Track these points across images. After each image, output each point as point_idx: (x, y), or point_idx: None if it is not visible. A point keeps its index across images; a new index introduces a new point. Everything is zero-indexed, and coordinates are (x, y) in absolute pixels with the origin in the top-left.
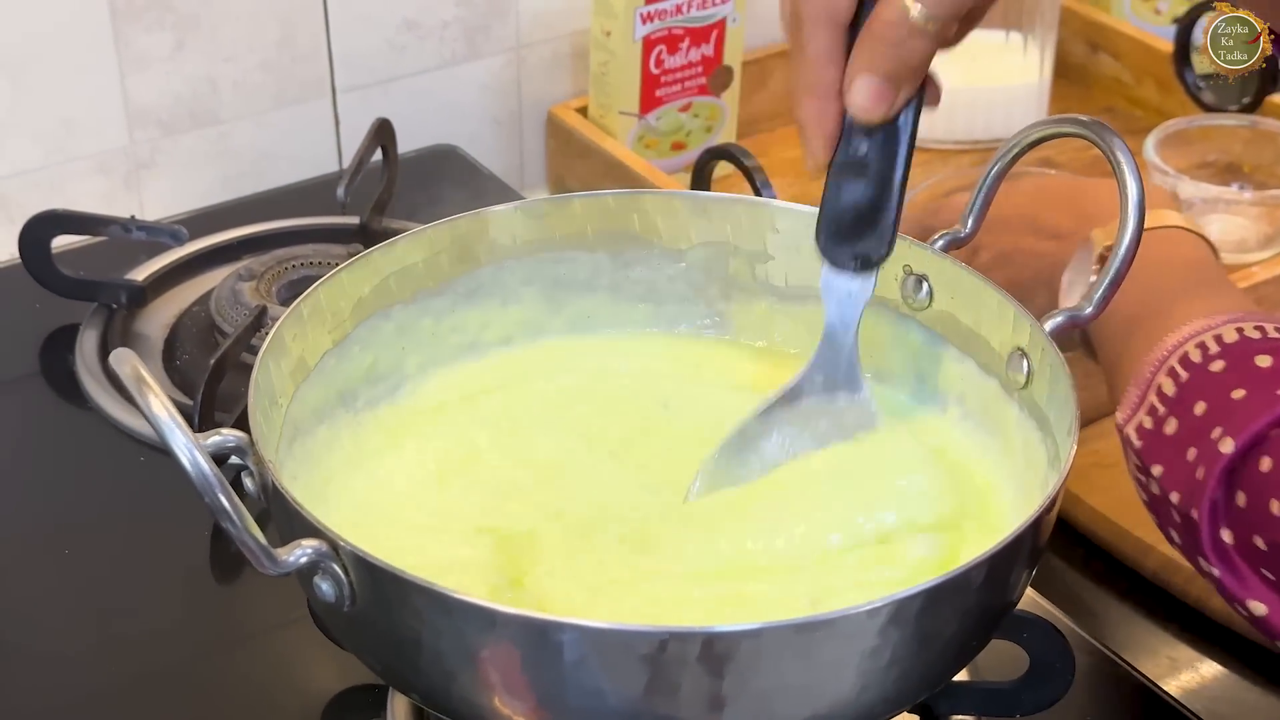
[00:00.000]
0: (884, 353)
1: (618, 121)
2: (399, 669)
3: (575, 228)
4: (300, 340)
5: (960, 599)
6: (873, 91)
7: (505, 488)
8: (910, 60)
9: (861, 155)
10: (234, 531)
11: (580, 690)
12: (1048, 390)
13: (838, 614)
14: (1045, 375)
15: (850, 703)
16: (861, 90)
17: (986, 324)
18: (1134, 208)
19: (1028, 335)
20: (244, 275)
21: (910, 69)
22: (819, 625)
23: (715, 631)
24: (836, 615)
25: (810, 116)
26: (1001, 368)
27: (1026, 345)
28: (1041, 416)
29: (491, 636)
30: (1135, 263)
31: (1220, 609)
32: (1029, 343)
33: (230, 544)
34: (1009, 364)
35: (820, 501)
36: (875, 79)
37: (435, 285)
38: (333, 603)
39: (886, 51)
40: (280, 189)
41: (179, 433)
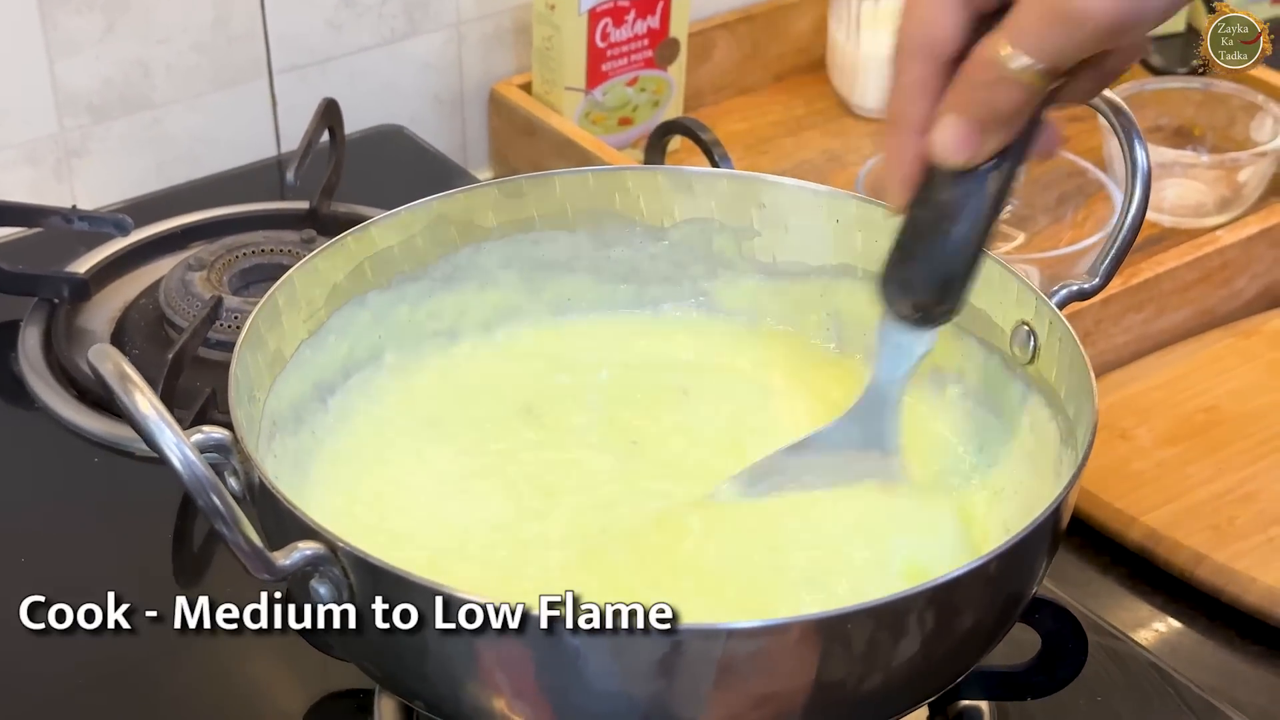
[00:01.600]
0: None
1: (563, 98)
2: (402, 676)
3: (555, 207)
4: (276, 331)
5: (985, 587)
6: (955, 134)
7: (503, 486)
8: (1002, 108)
9: (942, 201)
10: (228, 535)
11: (598, 694)
12: (1057, 365)
13: (865, 605)
14: (1054, 350)
15: (876, 696)
16: (945, 131)
17: (987, 298)
18: (1141, 177)
19: (1033, 309)
20: (193, 265)
21: (1002, 117)
22: (848, 618)
23: (737, 628)
24: (864, 607)
25: (892, 150)
26: (1005, 343)
27: (1032, 319)
28: (1051, 392)
29: (504, 640)
30: None
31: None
32: (1035, 316)
33: (192, 545)
34: (1014, 339)
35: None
36: (960, 121)
37: (411, 270)
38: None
39: (976, 95)
40: (218, 175)
41: (169, 432)
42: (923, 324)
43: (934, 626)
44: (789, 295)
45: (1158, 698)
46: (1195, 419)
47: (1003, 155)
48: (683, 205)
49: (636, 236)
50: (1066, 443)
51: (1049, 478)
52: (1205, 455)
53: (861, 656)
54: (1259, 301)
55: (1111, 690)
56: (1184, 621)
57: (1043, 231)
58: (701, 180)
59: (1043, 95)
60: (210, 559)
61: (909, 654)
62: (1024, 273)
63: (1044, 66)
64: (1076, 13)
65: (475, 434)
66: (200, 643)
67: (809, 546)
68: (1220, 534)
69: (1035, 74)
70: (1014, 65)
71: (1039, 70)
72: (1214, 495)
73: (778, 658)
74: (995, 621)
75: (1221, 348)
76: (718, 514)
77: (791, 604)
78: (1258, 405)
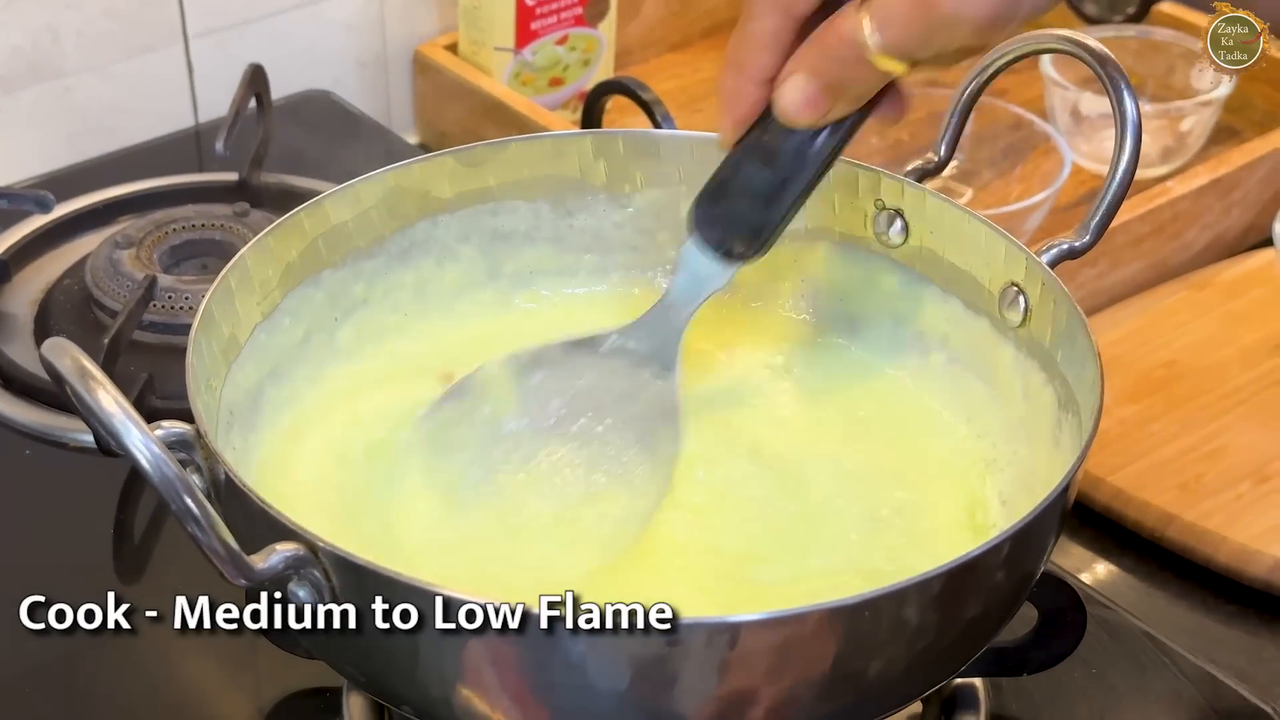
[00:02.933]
0: (855, 295)
1: (492, 58)
2: (389, 681)
3: (513, 174)
4: (229, 314)
5: (996, 568)
6: (804, 96)
7: (473, 478)
8: (853, 84)
9: (771, 148)
10: (202, 538)
11: (597, 693)
12: (1051, 327)
13: (878, 592)
14: (1047, 311)
15: (883, 686)
16: (792, 90)
17: (973, 259)
18: (1131, 129)
19: (1023, 269)
20: (121, 242)
21: (852, 93)
22: (863, 606)
23: (743, 621)
24: (879, 594)
25: (729, 92)
26: (993, 306)
27: (1022, 280)
28: (1046, 356)
29: (502, 641)
30: None
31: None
32: (1025, 277)
33: (133, 539)
34: (1002, 301)
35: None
36: (811, 84)
37: (366, 245)
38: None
39: (829, 65)
40: (134, 147)
41: (135, 430)
42: (724, 259)
43: (945, 612)
44: (759, 262)
45: (1152, 668)
46: (1155, 375)
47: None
48: (647, 170)
49: (600, 204)
50: (1065, 408)
51: (1046, 445)
52: (1167, 412)
53: (871, 646)
54: (1209, 253)
55: (1106, 662)
56: (1155, 584)
57: (989, 186)
58: (668, 143)
59: (889, 80)
60: (151, 552)
61: (920, 642)
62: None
63: (901, 55)
64: (948, 13)
65: (439, 420)
66: (149, 642)
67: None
68: (1188, 492)
69: (894, 63)
70: (873, 49)
71: (898, 59)
72: (1179, 452)
73: (787, 650)
74: (1007, 602)
75: (1176, 301)
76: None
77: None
78: (1216, 359)
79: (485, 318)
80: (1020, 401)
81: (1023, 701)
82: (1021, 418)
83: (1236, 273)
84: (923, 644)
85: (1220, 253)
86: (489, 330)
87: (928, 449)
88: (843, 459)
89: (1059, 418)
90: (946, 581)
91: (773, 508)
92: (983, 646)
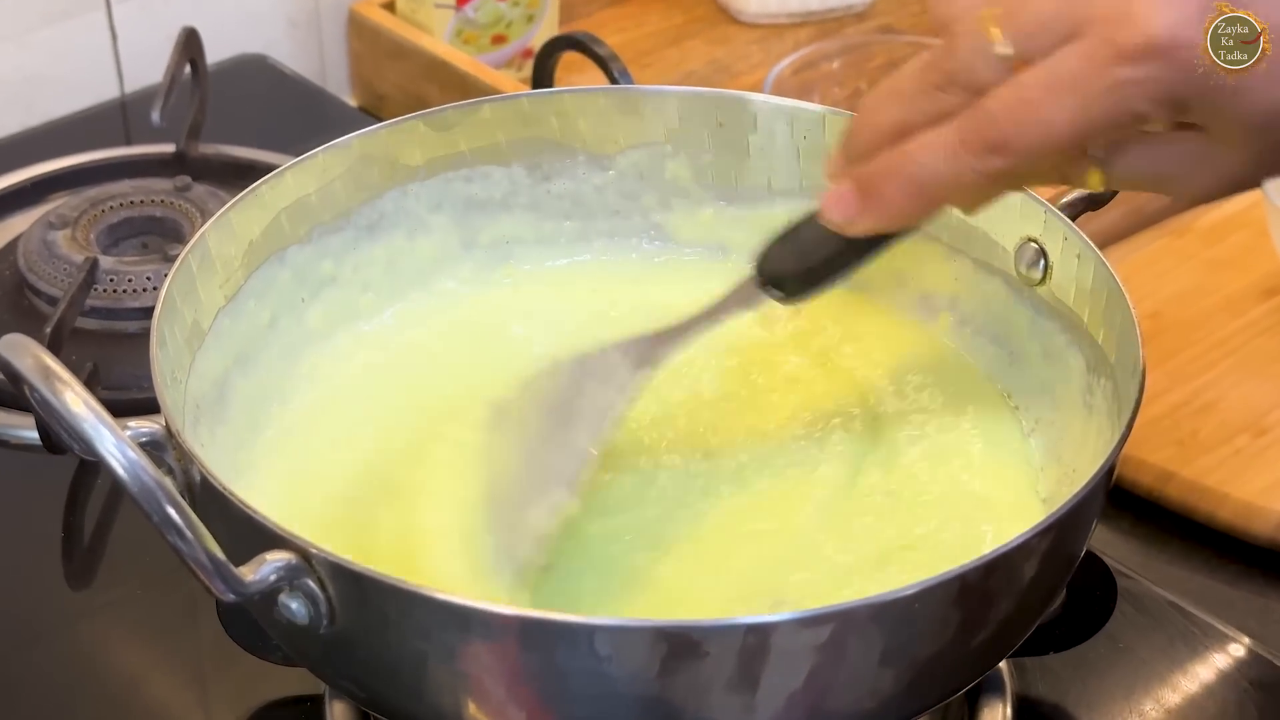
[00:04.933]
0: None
1: (432, 15)
2: (392, 697)
3: (486, 138)
4: (191, 299)
5: (1042, 552)
6: (846, 202)
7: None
8: (897, 202)
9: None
10: (186, 551)
11: (633, 702)
12: (1075, 285)
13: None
14: (1070, 268)
15: (927, 679)
16: (836, 194)
17: (985, 213)
18: None
19: (1041, 222)
20: (54, 223)
21: (894, 212)
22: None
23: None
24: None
25: (853, 127)
26: (1008, 263)
27: (1040, 235)
28: (1069, 316)
29: (525, 652)
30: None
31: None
32: (1044, 232)
33: (83, 541)
34: (1019, 258)
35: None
36: (853, 192)
37: (332, 219)
38: (305, 625)
39: (878, 177)
40: (57, 120)
41: (109, 435)
42: (766, 288)
43: (982, 604)
44: (753, 224)
45: (1182, 640)
46: (1140, 326)
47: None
48: (629, 129)
49: (579, 167)
50: (1096, 371)
51: (1077, 411)
52: (1156, 365)
53: (914, 639)
54: None
55: (1133, 635)
56: (1156, 545)
57: None
58: (650, 100)
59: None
60: (102, 555)
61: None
62: None
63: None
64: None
65: (420, 405)
66: (119, 648)
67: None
68: (1185, 449)
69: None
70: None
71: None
72: (1172, 408)
73: (823, 648)
74: (1051, 587)
75: (1155, 249)
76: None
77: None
78: (1201, 308)
79: (462, 294)
80: (1039, 363)
81: (1049, 681)
82: (1044, 382)
83: (1216, 217)
84: (965, 634)
85: None
86: (467, 308)
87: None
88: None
89: (1089, 382)
90: (983, 574)
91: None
92: (1027, 632)
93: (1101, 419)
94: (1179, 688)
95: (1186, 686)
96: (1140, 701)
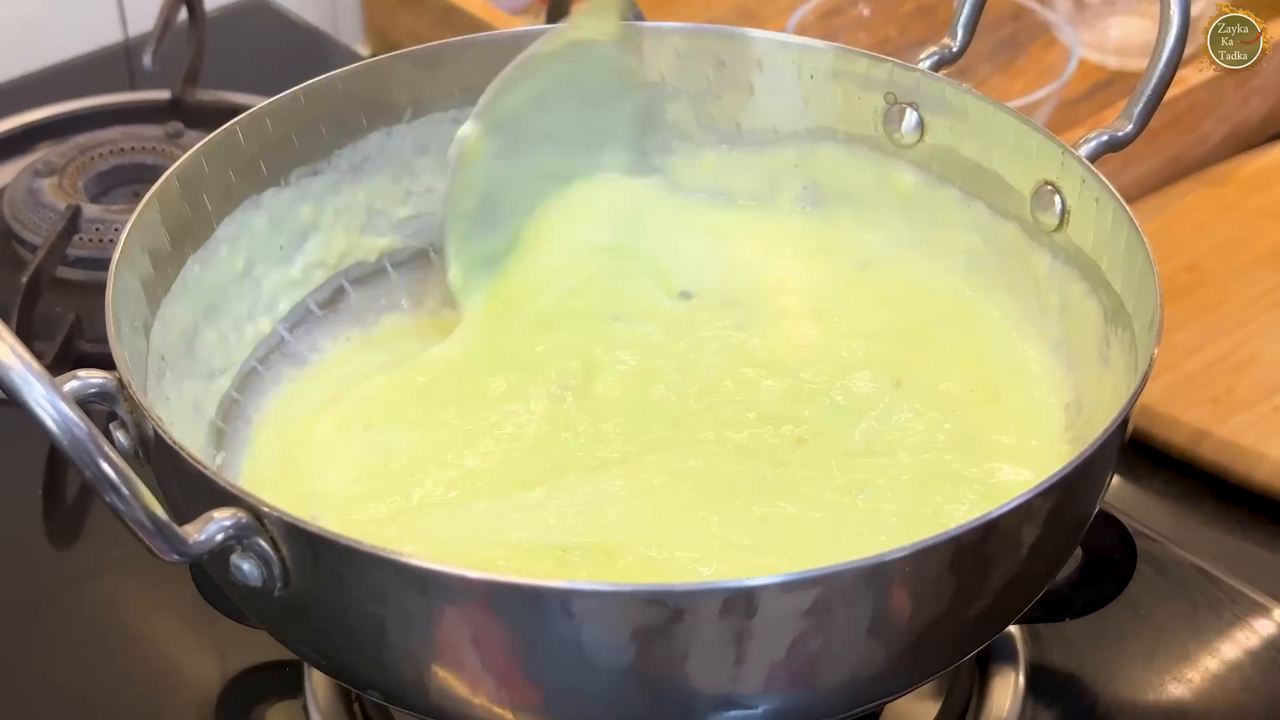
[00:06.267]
0: (865, 200)
1: None
2: (351, 663)
3: (477, 77)
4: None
5: (1045, 513)
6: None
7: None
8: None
9: None
10: (123, 509)
11: (596, 670)
12: (1094, 230)
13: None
14: (1089, 212)
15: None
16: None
17: (999, 156)
18: (1178, 5)
19: (1058, 165)
20: (41, 170)
21: None
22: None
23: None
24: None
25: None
26: (1024, 208)
27: (1057, 178)
28: (1087, 263)
29: (487, 617)
30: None
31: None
32: (1060, 174)
33: (65, 499)
34: (1035, 203)
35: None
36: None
37: (312, 162)
38: (258, 587)
39: None
40: (57, 66)
41: (39, 384)
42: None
43: (986, 566)
44: (758, 167)
45: (1207, 606)
46: (1177, 280)
47: None
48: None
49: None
50: (1113, 320)
51: (1092, 365)
52: (1192, 320)
53: (915, 601)
54: (1226, 145)
55: (1155, 602)
56: (1188, 505)
57: (988, 81)
58: (649, 37)
59: None
60: (87, 513)
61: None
62: None
63: None
64: None
65: (400, 354)
66: (101, 610)
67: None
68: (1220, 406)
69: None
70: None
71: None
72: (1207, 364)
73: (808, 614)
74: (1062, 549)
75: (1194, 199)
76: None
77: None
78: (1242, 260)
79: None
80: (1056, 314)
81: (1064, 649)
82: (1057, 339)
83: (1258, 166)
84: (964, 600)
85: (1238, 145)
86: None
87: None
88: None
89: (1106, 333)
90: (984, 534)
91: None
92: (1033, 599)
93: (1118, 374)
94: (1202, 657)
95: (1210, 655)
96: (1161, 671)
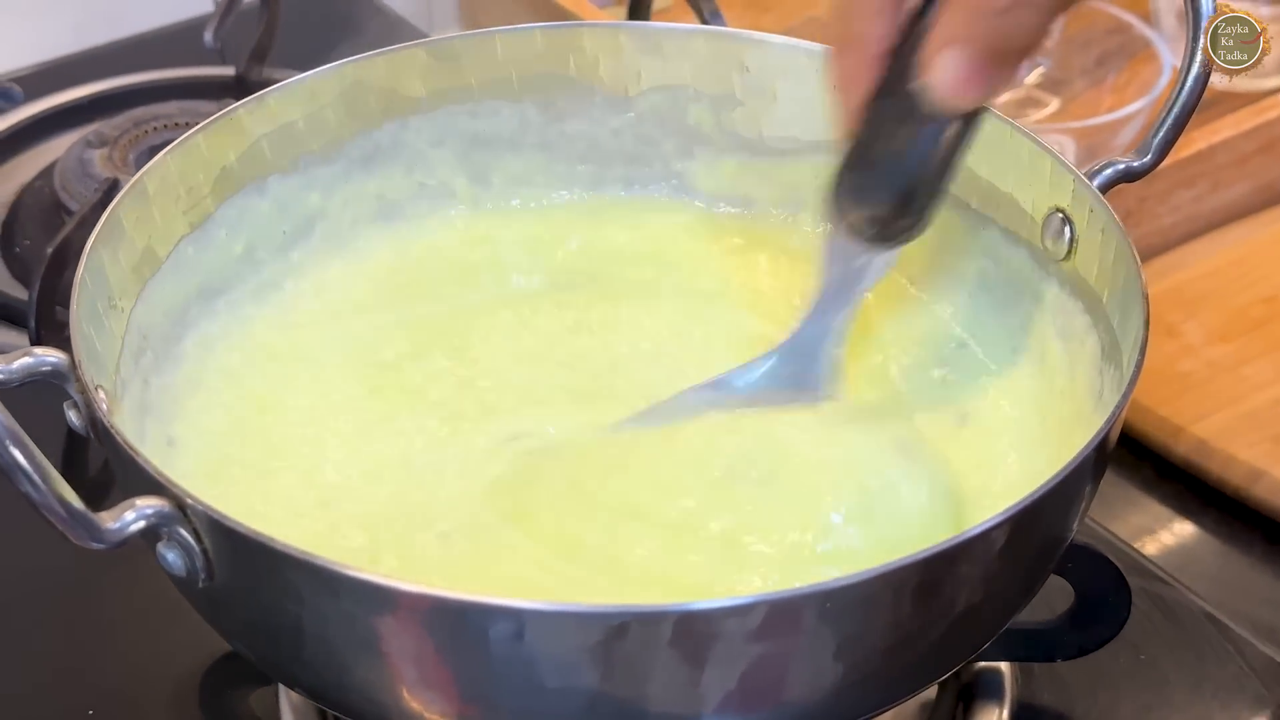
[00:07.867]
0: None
1: None
2: (277, 660)
3: (496, 72)
4: (145, 224)
5: (1021, 536)
6: (965, 71)
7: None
8: (1018, 35)
9: (908, 114)
10: (36, 497)
11: (519, 683)
12: (1098, 262)
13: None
14: (1094, 243)
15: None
16: (949, 69)
17: (1014, 179)
18: (1204, 24)
19: (1070, 193)
20: (93, 141)
21: (1016, 48)
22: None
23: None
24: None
25: (845, 74)
26: (1036, 234)
27: (1068, 206)
28: (1091, 296)
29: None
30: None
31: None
32: (1072, 202)
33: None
34: (1046, 230)
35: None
36: (970, 54)
37: (321, 149)
38: (184, 577)
39: (987, 24)
40: (142, 35)
41: None
42: (878, 240)
43: (950, 592)
44: (778, 176)
45: (1213, 656)
46: (1252, 311)
47: None
48: (651, 69)
49: (596, 108)
50: (1110, 358)
51: (1085, 398)
52: (1264, 354)
53: (861, 634)
54: None
55: (1158, 647)
56: (1239, 548)
57: (1080, 97)
58: (672, 39)
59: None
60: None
61: (911, 629)
62: (1057, 146)
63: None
64: None
65: (384, 350)
66: (74, 590)
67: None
68: None
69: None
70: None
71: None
72: (1274, 400)
73: (767, 634)
74: (1033, 576)
75: None
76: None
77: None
78: None
79: (456, 233)
80: (1056, 345)
81: (1056, 689)
82: (1065, 366)
83: None
84: (912, 632)
85: None
86: (460, 245)
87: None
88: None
89: (1101, 369)
90: (925, 570)
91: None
92: (995, 633)
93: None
94: (1201, 710)
95: (1210, 710)
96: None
